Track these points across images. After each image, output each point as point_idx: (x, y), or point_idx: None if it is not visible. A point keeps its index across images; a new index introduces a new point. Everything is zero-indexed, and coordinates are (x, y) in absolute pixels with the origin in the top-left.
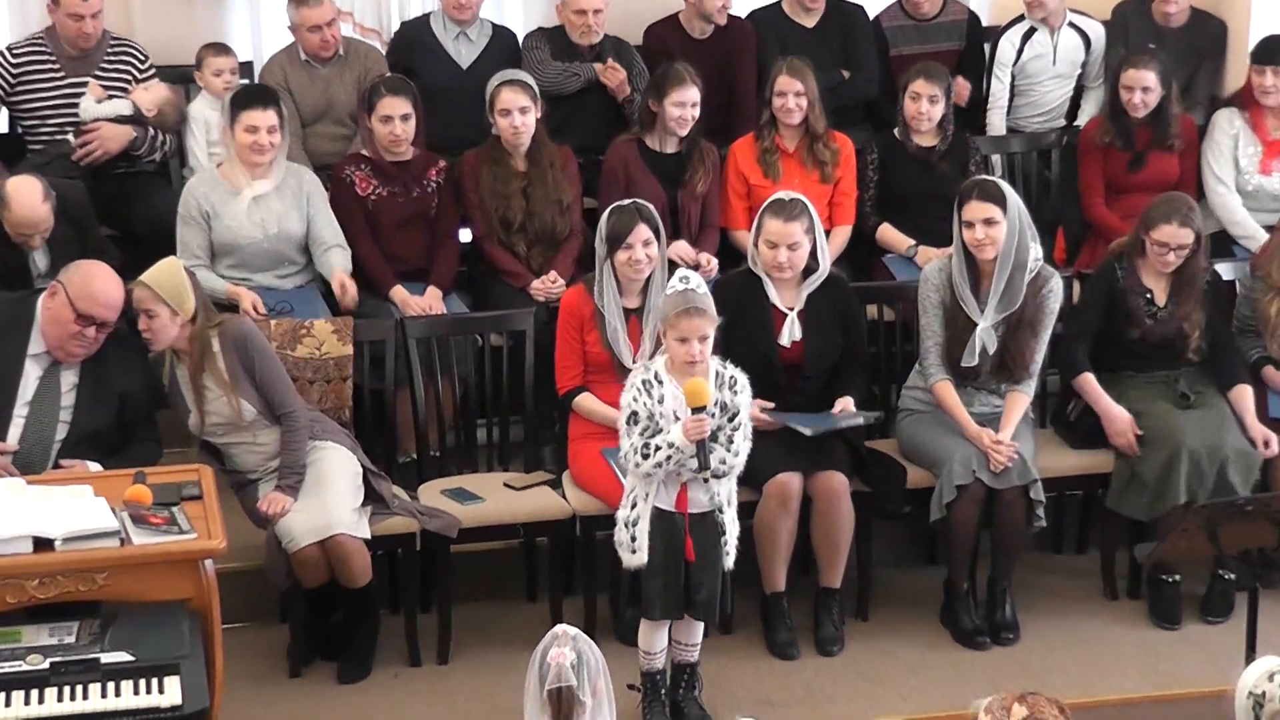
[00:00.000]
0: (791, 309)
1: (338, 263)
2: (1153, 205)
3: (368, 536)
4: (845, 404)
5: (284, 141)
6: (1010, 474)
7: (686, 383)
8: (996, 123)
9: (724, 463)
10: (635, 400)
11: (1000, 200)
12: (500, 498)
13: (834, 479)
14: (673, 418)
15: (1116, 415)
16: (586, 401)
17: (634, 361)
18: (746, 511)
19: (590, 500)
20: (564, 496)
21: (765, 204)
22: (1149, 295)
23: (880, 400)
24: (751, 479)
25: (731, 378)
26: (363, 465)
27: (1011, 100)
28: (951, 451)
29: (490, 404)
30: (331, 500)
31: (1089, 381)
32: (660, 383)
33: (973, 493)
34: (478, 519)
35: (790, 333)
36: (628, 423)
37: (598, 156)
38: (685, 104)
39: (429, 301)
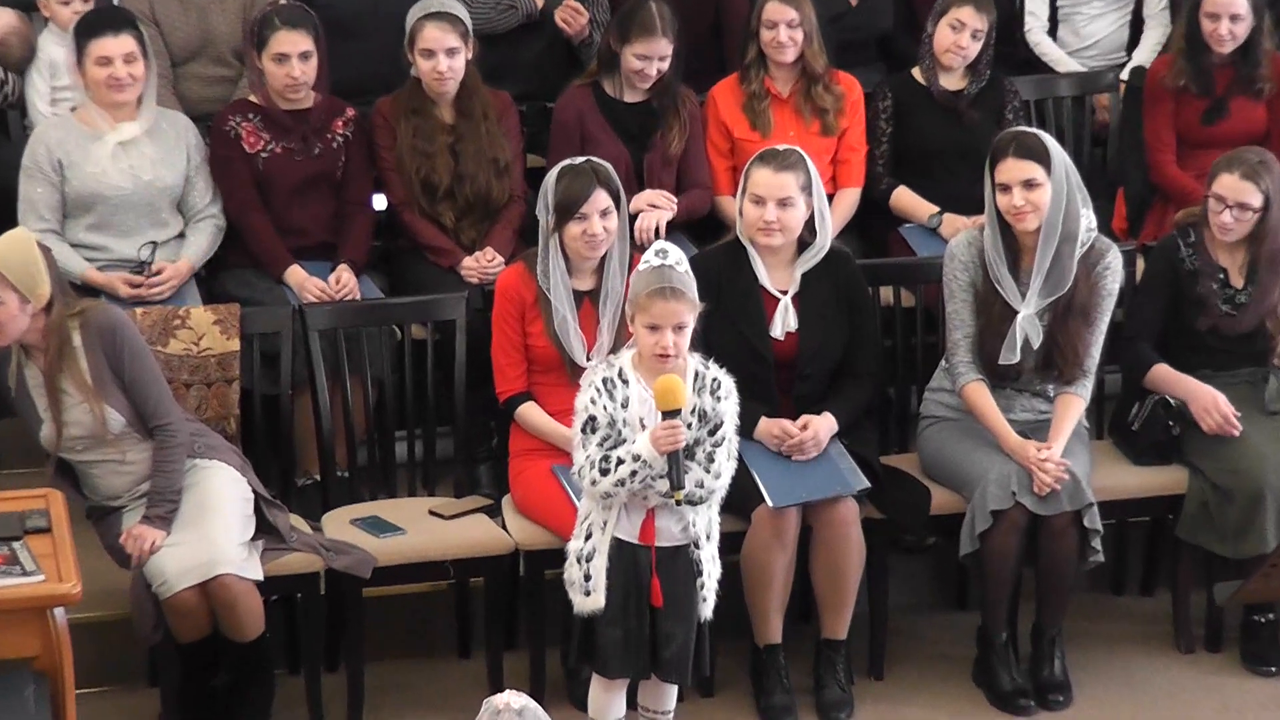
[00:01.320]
0: (785, 292)
1: (201, 242)
2: (1221, 156)
3: (259, 578)
4: (818, 426)
5: (150, 74)
6: (1060, 497)
7: (657, 380)
8: (1046, 49)
9: (701, 485)
10: (594, 402)
11: (1043, 157)
12: (425, 529)
13: (840, 505)
14: (639, 425)
15: (1202, 391)
16: (529, 414)
17: (588, 359)
18: (731, 545)
19: (537, 531)
20: (504, 526)
21: (753, 156)
22: (1222, 276)
23: (898, 406)
24: (737, 505)
25: (714, 380)
26: (254, 489)
27: (1053, 33)
28: (986, 469)
29: (412, 412)
30: (214, 533)
31: (1163, 372)
32: (625, 382)
33: (1013, 520)
34: (397, 555)
35: (784, 321)
36: (584, 430)
37: (544, 105)
38: (650, 58)
39: (335, 284)
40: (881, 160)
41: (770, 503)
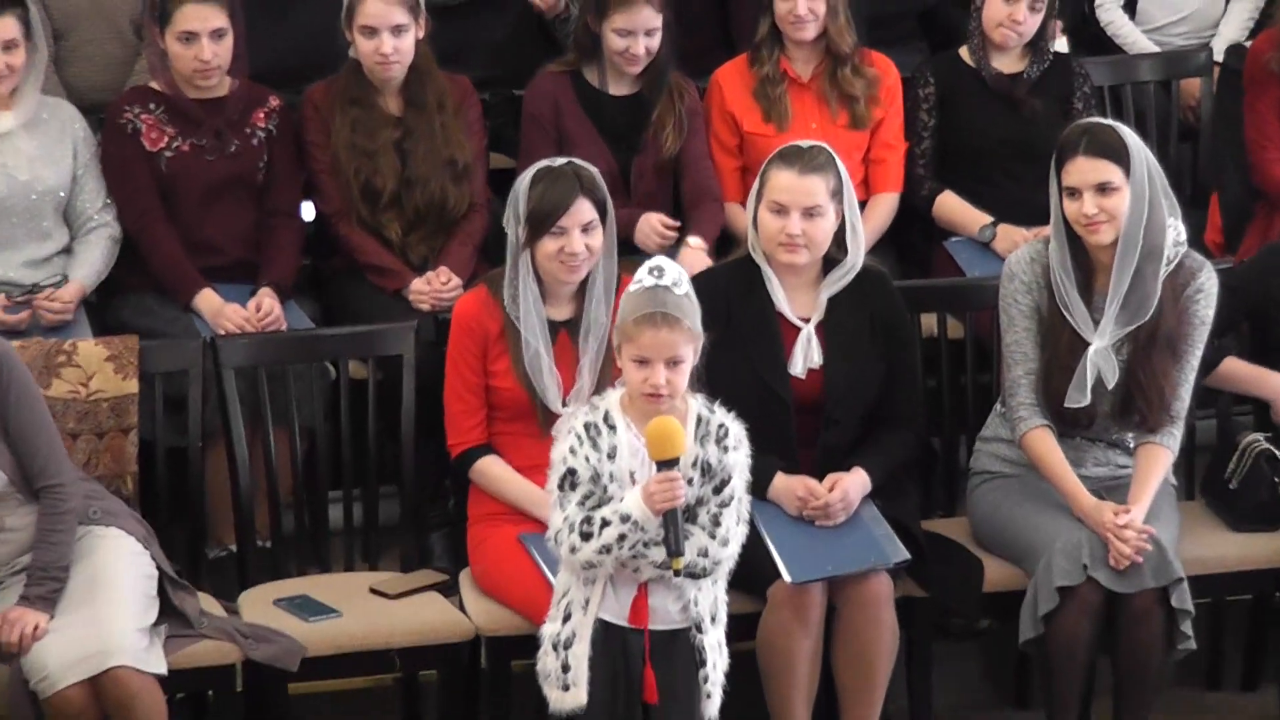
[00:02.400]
0: (808, 320)
1: (93, 258)
2: None
3: (162, 671)
4: (847, 486)
5: (33, 63)
6: (1142, 571)
7: (650, 424)
8: (1121, 27)
9: (705, 554)
10: (573, 452)
11: (1120, 155)
12: (366, 610)
13: (871, 580)
14: (629, 480)
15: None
16: (490, 469)
17: (564, 404)
18: (742, 629)
19: (502, 613)
20: (462, 607)
21: (772, 154)
22: None
23: (944, 460)
24: (749, 580)
25: (721, 427)
26: (157, 565)
27: (1132, 5)
28: (1052, 536)
29: (349, 469)
30: (108, 616)
31: (1236, 366)
32: (611, 427)
33: (1084, 599)
34: (331, 643)
35: (806, 356)
36: (562, 486)
37: (512, 93)
38: (634, 32)
39: (256, 312)
40: (923, 159)
41: (788, 578)
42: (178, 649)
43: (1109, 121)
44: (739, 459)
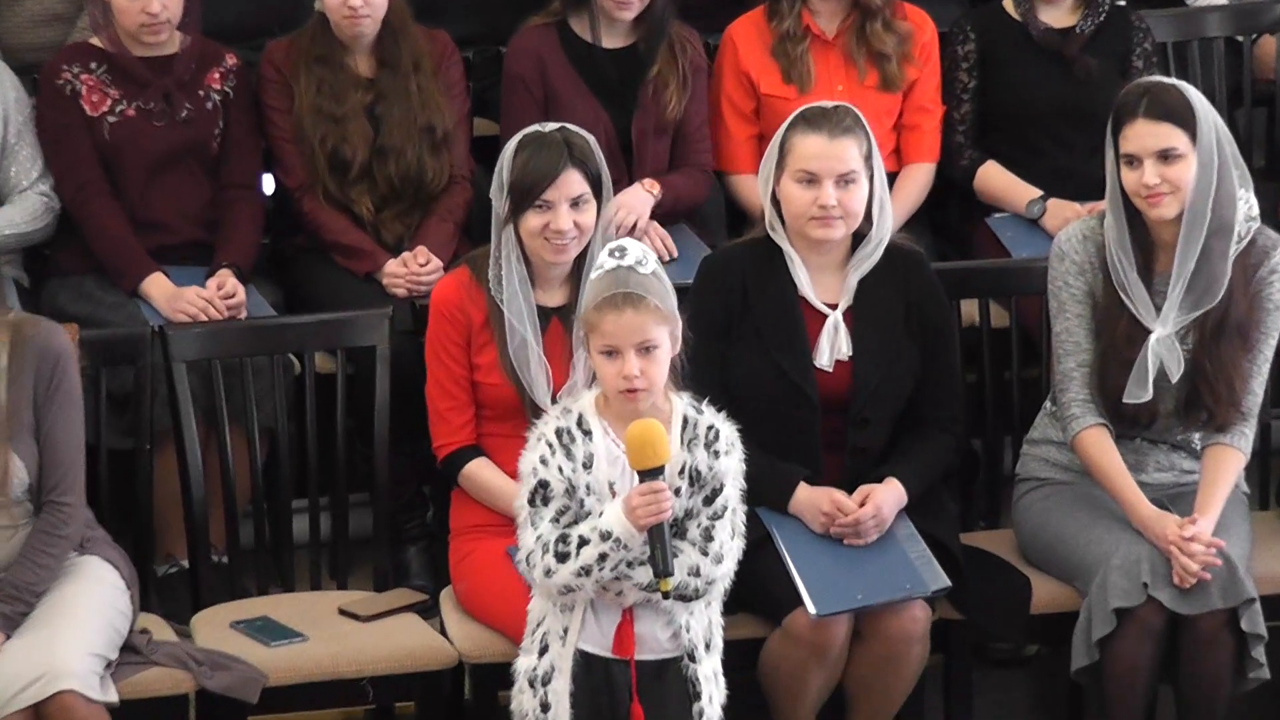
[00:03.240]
0: (835, 306)
1: (15, 215)
2: None
3: (114, 700)
4: (881, 499)
5: None
6: (1209, 591)
7: (630, 428)
8: None
9: (697, 573)
10: (544, 463)
11: (1186, 118)
12: (334, 634)
13: (905, 611)
14: (608, 492)
15: None
16: (479, 474)
17: (555, 400)
18: (743, 655)
19: (487, 637)
20: (443, 631)
21: (792, 116)
22: None
23: (987, 466)
24: (762, 604)
25: (710, 429)
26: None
27: None
28: (1108, 551)
29: (315, 474)
30: (63, 638)
31: None
32: (587, 433)
33: (1144, 622)
34: (295, 671)
35: (833, 346)
36: (532, 501)
37: (499, 50)
38: None
39: (213, 295)
40: (962, 125)
41: (813, 610)
42: (124, 677)
43: (1172, 81)
44: (731, 464)
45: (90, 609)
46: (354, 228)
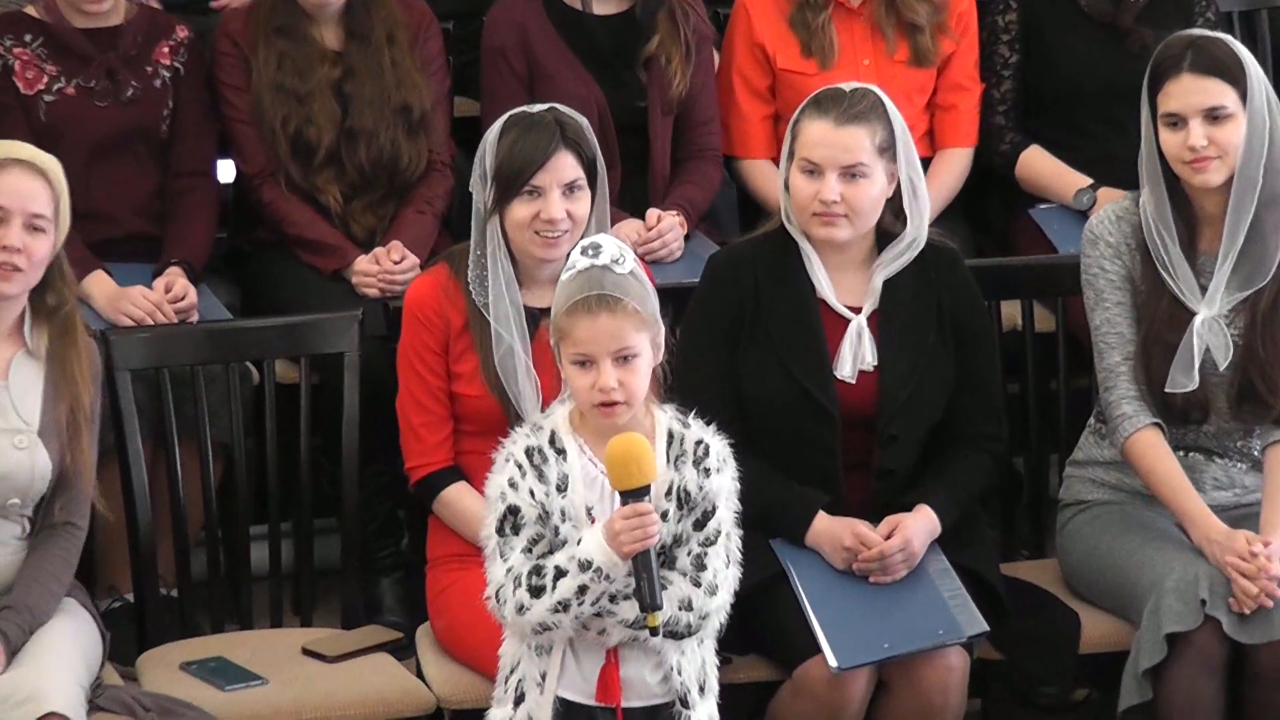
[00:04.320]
0: (858, 310)
1: None
2: None
3: None
4: (911, 531)
5: None
6: (1273, 617)
7: (610, 444)
8: None
9: (689, 606)
10: (513, 486)
11: (1235, 74)
12: (297, 676)
13: (939, 659)
14: (586, 518)
15: None
16: (458, 500)
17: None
18: (747, 702)
19: (468, 679)
20: (419, 673)
21: (805, 101)
22: None
23: (1030, 487)
24: (769, 644)
25: (700, 444)
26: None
27: None
28: (1162, 573)
29: (277, 497)
30: (50, 665)
31: None
32: (561, 452)
33: (1203, 649)
34: (253, 718)
35: (856, 355)
36: (502, 529)
37: (481, 21)
38: None
39: (160, 297)
40: (1003, 105)
41: (834, 663)
42: None
43: (1220, 34)
44: (724, 483)
45: (68, 639)
46: (320, 220)
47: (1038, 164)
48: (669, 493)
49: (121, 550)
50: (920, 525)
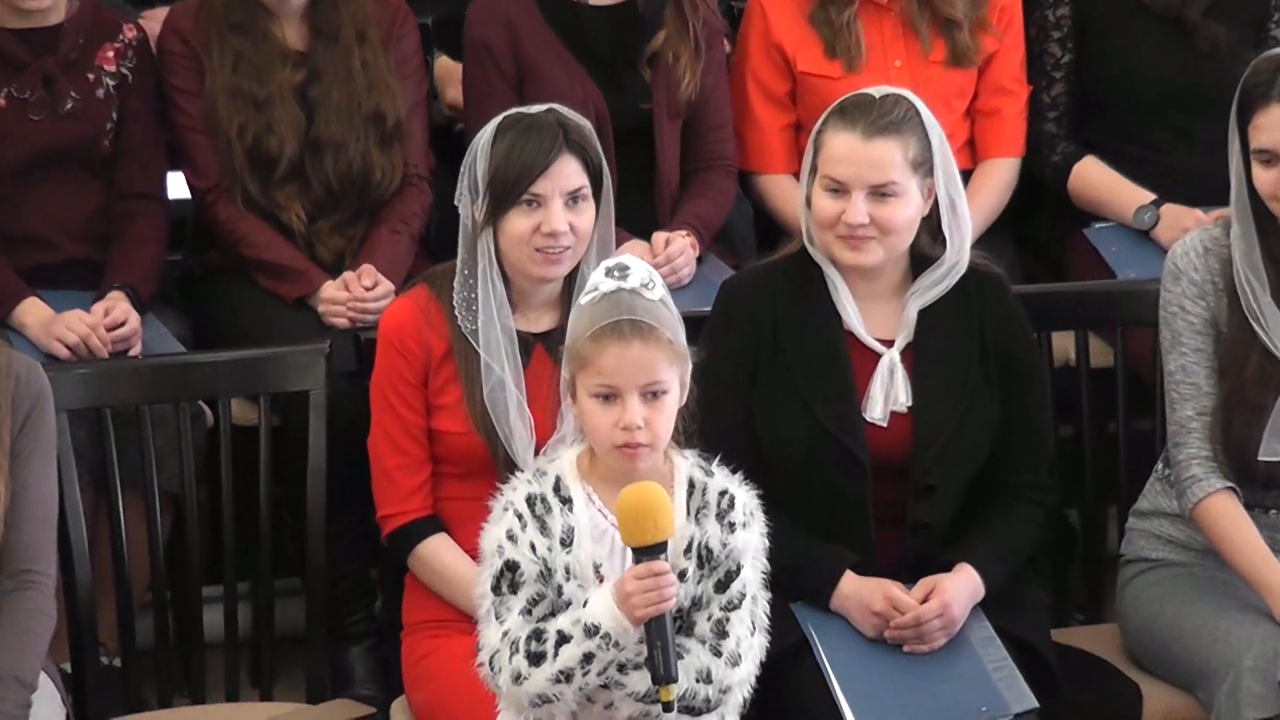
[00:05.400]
0: (891, 343)
1: None
2: None
3: None
4: (950, 594)
5: None
6: None
7: (623, 494)
8: None
9: (708, 678)
10: (512, 539)
11: None
12: None
13: None
14: (593, 576)
15: None
16: (437, 555)
17: (537, 455)
18: None
19: None
20: None
21: (829, 109)
22: None
23: (1086, 542)
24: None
25: (724, 495)
26: None
27: None
28: (1238, 648)
29: (233, 554)
30: None
31: None
32: (566, 501)
33: None
34: None
35: (888, 395)
36: (498, 588)
37: (462, 16)
38: None
39: (97, 322)
40: (1054, 111)
41: None
42: None
43: None
44: (751, 540)
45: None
46: (282, 241)
47: (1093, 177)
48: (688, 549)
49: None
50: (961, 587)
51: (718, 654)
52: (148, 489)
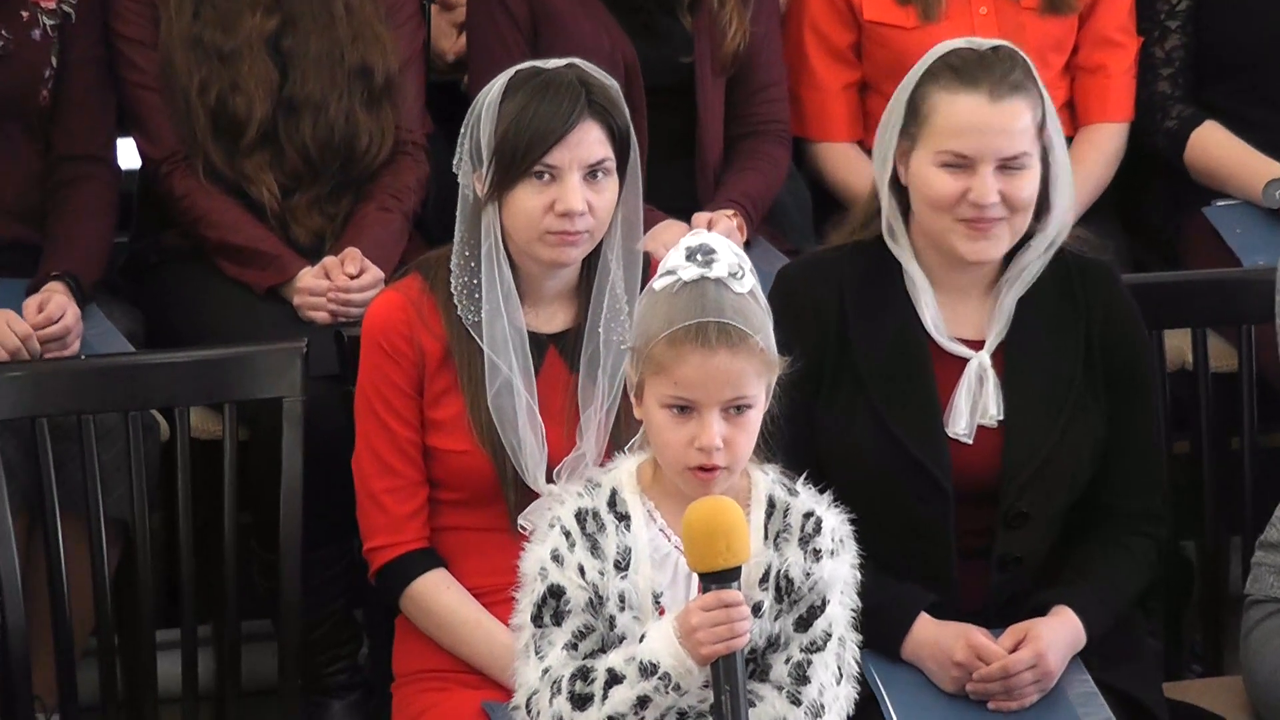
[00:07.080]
0: (979, 344)
1: None
2: None
3: None
4: (1043, 643)
5: None
6: None
7: (690, 511)
8: None
9: None
10: (558, 561)
11: None
12: None
13: None
14: (652, 607)
15: None
16: (435, 595)
17: (551, 479)
18: None
19: None
20: None
21: (930, 57)
22: None
23: (1205, 580)
24: None
25: (809, 518)
26: None
27: None
28: None
29: (192, 591)
30: None
31: None
32: (623, 518)
33: None
34: None
35: (976, 406)
36: (539, 618)
37: None
38: None
39: (37, 314)
40: (1168, 68)
41: None
42: None
43: None
44: (840, 571)
45: None
46: (251, 220)
47: (1215, 146)
48: (765, 579)
49: None
50: (1058, 634)
51: (796, 702)
52: (91, 514)
